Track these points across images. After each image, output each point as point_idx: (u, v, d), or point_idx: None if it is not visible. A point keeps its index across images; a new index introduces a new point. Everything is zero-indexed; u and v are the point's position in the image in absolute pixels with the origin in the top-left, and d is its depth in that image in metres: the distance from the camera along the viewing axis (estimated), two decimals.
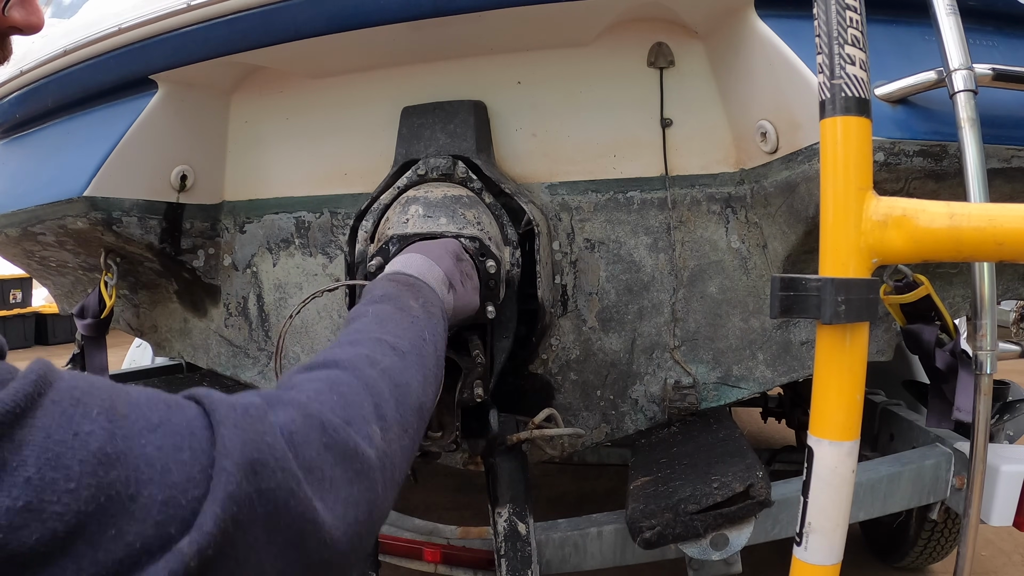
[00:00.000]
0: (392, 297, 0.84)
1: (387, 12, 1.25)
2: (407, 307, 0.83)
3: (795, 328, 1.43)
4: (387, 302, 0.82)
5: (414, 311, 0.82)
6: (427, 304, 0.87)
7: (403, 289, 0.87)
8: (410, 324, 0.79)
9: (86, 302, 1.73)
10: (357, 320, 0.79)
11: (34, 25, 0.60)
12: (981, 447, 1.01)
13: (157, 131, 1.53)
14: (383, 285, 0.88)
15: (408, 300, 0.84)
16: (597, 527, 1.40)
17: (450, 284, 1.00)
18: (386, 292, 0.85)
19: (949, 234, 0.80)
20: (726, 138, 1.39)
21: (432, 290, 0.92)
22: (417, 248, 1.07)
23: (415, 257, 1.00)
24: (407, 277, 0.92)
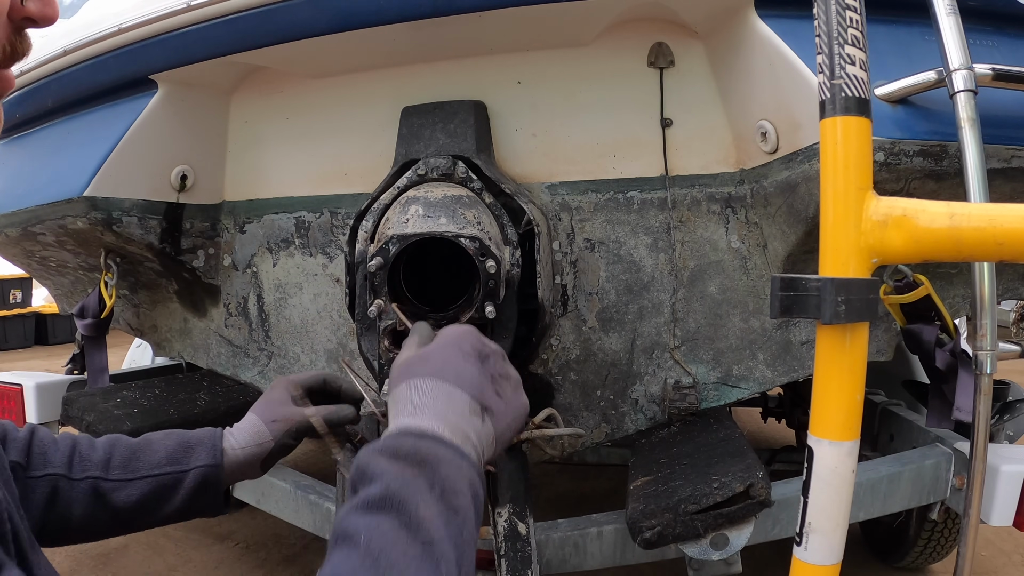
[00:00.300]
0: (395, 502, 0.57)
1: (387, 12, 1.25)
2: (418, 524, 0.56)
3: (795, 328, 1.43)
4: (388, 513, 0.56)
5: (427, 529, 0.56)
6: (448, 494, 0.60)
7: (410, 477, 0.59)
8: (419, 563, 0.54)
9: (86, 302, 1.73)
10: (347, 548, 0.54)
11: (49, 17, 0.58)
12: (981, 447, 1.01)
13: (157, 131, 1.53)
14: (382, 469, 0.60)
15: (418, 504, 0.57)
16: (597, 527, 1.40)
17: (483, 408, 0.70)
18: (387, 489, 0.58)
19: (949, 234, 0.80)
20: (726, 138, 1.39)
21: (454, 455, 0.63)
22: (424, 365, 0.71)
23: (424, 388, 0.69)
24: (416, 443, 0.62)
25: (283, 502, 1.78)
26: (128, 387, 1.92)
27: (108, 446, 0.88)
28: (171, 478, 0.86)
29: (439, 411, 0.67)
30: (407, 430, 0.65)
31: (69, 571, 2.49)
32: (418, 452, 0.61)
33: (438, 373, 0.70)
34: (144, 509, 0.86)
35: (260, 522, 2.86)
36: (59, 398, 1.87)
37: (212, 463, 0.88)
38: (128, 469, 0.86)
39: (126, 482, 0.85)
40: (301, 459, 3.64)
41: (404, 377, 0.71)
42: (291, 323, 1.72)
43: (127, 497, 0.84)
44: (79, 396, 1.80)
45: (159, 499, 0.86)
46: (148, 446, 0.89)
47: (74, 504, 0.83)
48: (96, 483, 0.84)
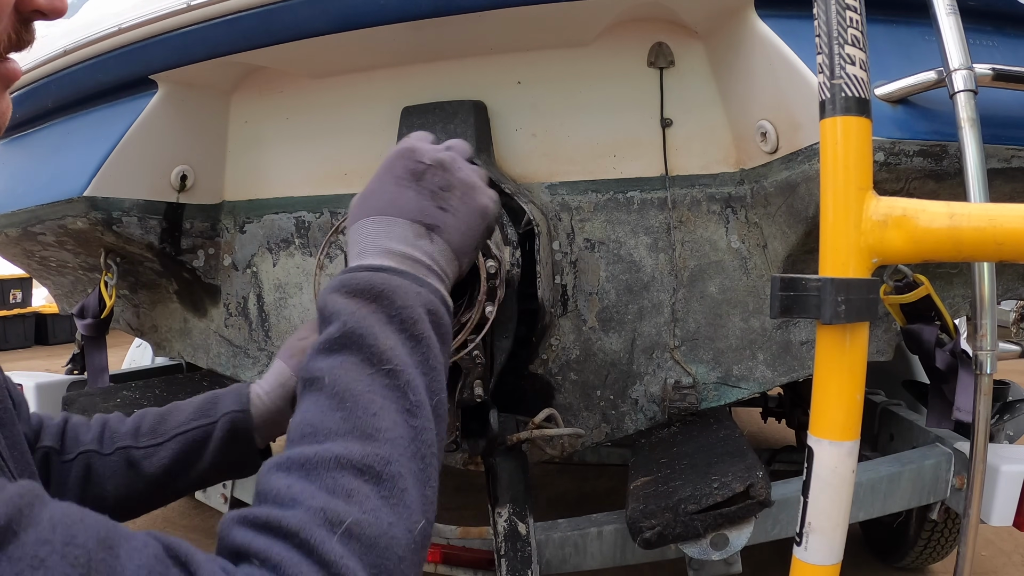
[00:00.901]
0: (354, 337, 0.57)
1: (387, 12, 1.25)
2: (380, 355, 0.56)
3: (795, 328, 1.43)
4: (348, 350, 0.56)
5: (389, 358, 0.56)
6: (407, 324, 0.59)
7: (367, 312, 0.58)
8: (385, 393, 0.54)
9: (86, 302, 1.73)
10: (312, 392, 0.55)
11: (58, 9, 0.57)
12: (981, 447, 1.01)
13: (157, 131, 1.53)
14: (339, 307, 0.59)
15: (376, 337, 0.57)
16: (597, 527, 1.40)
17: (428, 228, 0.67)
18: (344, 326, 0.57)
19: (949, 234, 0.80)
20: (726, 138, 1.39)
21: (409, 282, 0.62)
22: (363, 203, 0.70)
23: (365, 227, 0.68)
24: (369, 277, 0.61)
25: None
26: (128, 387, 1.92)
27: (138, 417, 0.88)
28: (200, 431, 0.85)
29: (381, 246, 0.66)
30: (359, 265, 0.64)
31: None
32: (372, 286, 0.60)
33: (374, 208, 0.68)
34: (178, 470, 0.85)
35: None
36: (59, 398, 1.87)
37: (239, 408, 0.86)
38: (157, 433, 0.85)
39: (156, 446, 0.84)
40: None
41: (350, 221, 0.71)
42: (291, 323, 1.72)
43: (159, 461, 0.84)
44: (79, 396, 1.80)
45: (191, 457, 0.85)
46: (176, 408, 0.88)
47: (108, 479, 0.83)
48: (127, 453, 0.84)
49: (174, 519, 2.93)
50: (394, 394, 0.55)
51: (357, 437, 0.51)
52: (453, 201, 0.70)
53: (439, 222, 0.68)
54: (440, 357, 0.61)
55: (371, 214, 0.68)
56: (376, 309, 0.59)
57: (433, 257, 0.66)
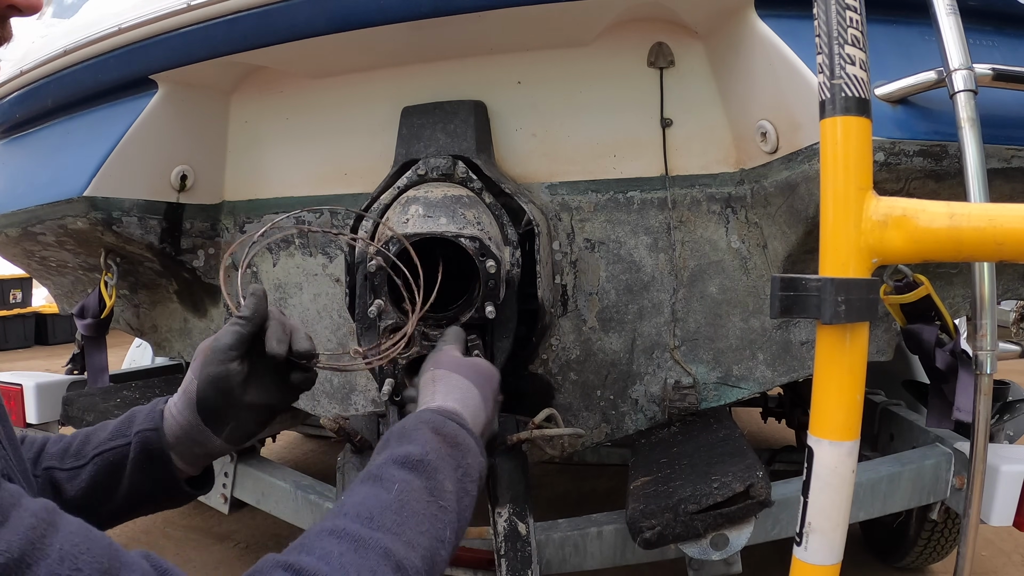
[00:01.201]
0: (429, 469, 0.70)
1: (387, 12, 1.25)
2: (441, 491, 0.69)
3: (795, 328, 1.43)
4: (421, 476, 0.69)
5: (446, 498, 0.70)
6: (466, 478, 0.74)
7: (446, 453, 0.74)
8: (433, 521, 0.67)
9: (86, 302, 1.73)
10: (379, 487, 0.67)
11: (33, 6, 0.57)
12: (981, 447, 1.01)
13: (157, 131, 1.53)
14: (425, 436, 0.74)
15: (445, 478, 0.71)
16: (597, 527, 1.40)
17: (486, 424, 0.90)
18: (425, 454, 0.71)
19: (949, 234, 0.80)
20: (726, 138, 1.39)
21: (478, 450, 0.79)
22: (473, 374, 0.92)
23: (471, 391, 0.89)
24: (457, 430, 0.78)
25: (283, 502, 1.78)
26: (128, 387, 1.92)
27: (72, 437, 0.83)
28: (115, 453, 0.80)
29: (476, 415, 0.86)
30: (452, 414, 0.82)
31: None
32: (456, 437, 0.77)
33: (483, 391, 0.91)
34: (98, 495, 0.79)
35: (260, 522, 2.86)
36: (59, 398, 1.87)
37: (150, 427, 0.80)
38: (80, 455, 0.80)
39: (78, 469, 0.79)
40: (301, 459, 3.64)
41: (456, 371, 0.91)
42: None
43: (79, 484, 0.79)
44: (79, 396, 1.80)
45: (109, 480, 0.79)
46: (101, 427, 0.84)
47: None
48: (51, 474, 0.79)
49: (174, 519, 2.93)
50: (438, 524, 0.67)
51: (404, 542, 0.62)
52: (495, 416, 0.98)
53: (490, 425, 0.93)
54: (469, 512, 0.74)
55: (479, 388, 0.91)
56: (452, 454, 0.75)
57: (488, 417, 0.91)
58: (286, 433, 3.75)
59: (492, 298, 1.20)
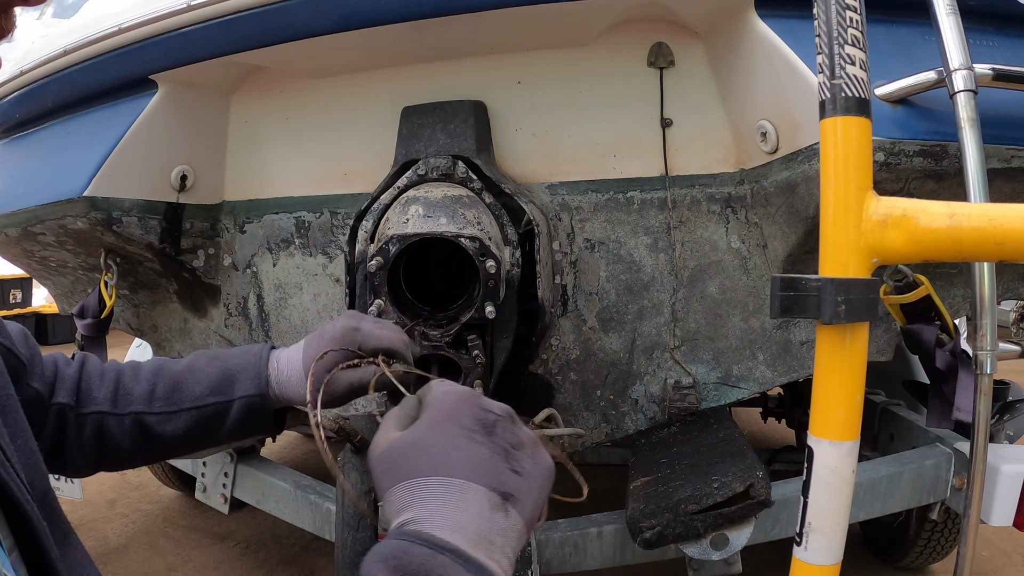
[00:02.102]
0: None
1: (387, 12, 1.25)
2: None
3: (795, 328, 1.43)
4: None
5: None
6: None
7: None
8: None
9: (86, 302, 1.73)
10: None
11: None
12: (981, 447, 1.01)
13: (157, 131, 1.53)
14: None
15: None
16: (597, 527, 1.40)
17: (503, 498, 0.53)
18: None
19: (949, 234, 0.79)
20: (726, 138, 1.39)
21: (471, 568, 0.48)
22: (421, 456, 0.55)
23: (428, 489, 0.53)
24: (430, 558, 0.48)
25: (283, 502, 1.78)
26: None
27: (152, 376, 0.86)
28: (214, 409, 0.84)
29: (453, 518, 0.51)
30: (419, 535, 0.50)
31: None
32: (421, 559, 0.47)
33: (440, 466, 0.53)
34: (191, 440, 0.85)
35: (260, 522, 2.86)
36: None
37: (256, 392, 0.84)
38: (171, 401, 0.84)
39: (170, 415, 0.84)
40: (301, 459, 3.64)
41: (397, 476, 0.54)
42: (291, 323, 1.72)
43: (173, 430, 0.83)
44: None
45: (205, 430, 0.85)
46: (191, 375, 0.86)
47: (121, 439, 0.83)
48: (140, 418, 0.83)
49: (174, 519, 2.93)
50: None
51: None
52: (525, 462, 0.56)
53: (514, 489, 0.54)
54: None
55: (431, 473, 0.53)
56: None
57: (507, 538, 0.52)
58: (286, 433, 3.75)
59: (492, 298, 1.20)
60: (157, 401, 0.85)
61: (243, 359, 0.88)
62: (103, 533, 2.81)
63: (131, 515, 2.99)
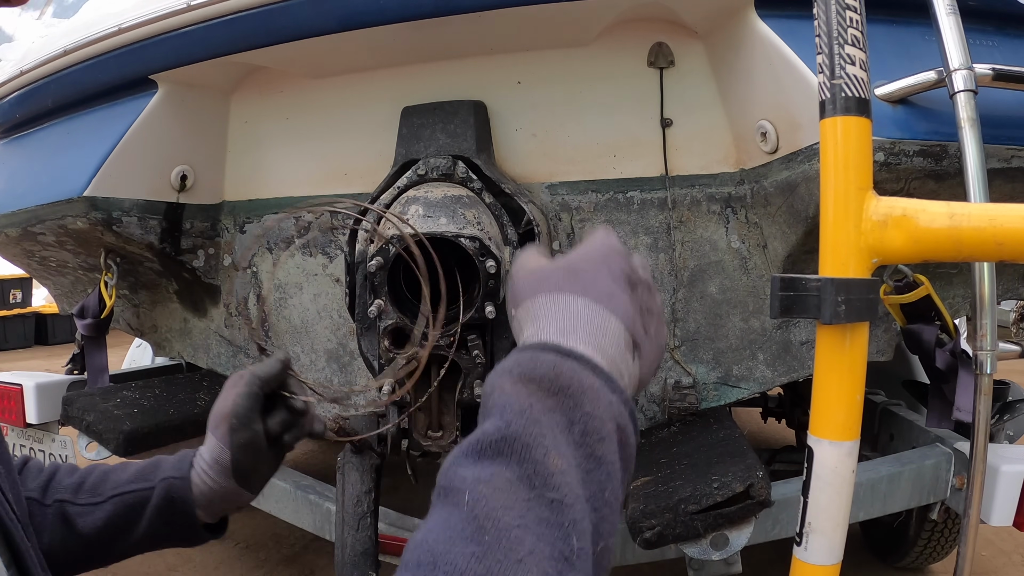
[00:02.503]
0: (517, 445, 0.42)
1: (387, 12, 1.25)
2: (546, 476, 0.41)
3: (795, 328, 1.43)
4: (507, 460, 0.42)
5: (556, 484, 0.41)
6: (590, 438, 0.45)
7: (543, 411, 0.44)
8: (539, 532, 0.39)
9: (86, 302, 1.73)
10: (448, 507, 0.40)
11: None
12: (981, 447, 1.01)
13: (157, 131, 1.53)
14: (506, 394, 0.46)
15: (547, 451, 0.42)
16: None
17: (635, 344, 0.54)
18: (508, 428, 0.43)
19: (949, 234, 0.80)
20: (726, 138, 1.39)
21: (605, 386, 0.48)
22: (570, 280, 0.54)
23: (573, 307, 0.52)
24: (557, 362, 0.47)
25: (283, 502, 1.78)
26: (128, 387, 1.92)
27: (86, 472, 0.84)
28: (135, 496, 0.81)
29: (594, 336, 0.51)
30: (548, 344, 0.49)
31: None
32: (559, 376, 0.46)
33: (588, 292, 0.53)
34: (114, 534, 0.81)
35: (260, 522, 2.86)
36: (59, 398, 1.87)
37: (177, 475, 0.82)
38: (96, 492, 0.81)
39: (93, 506, 0.80)
40: (301, 459, 3.64)
41: (543, 289, 0.54)
42: (291, 323, 1.72)
43: (94, 522, 0.80)
44: (79, 396, 1.80)
45: (127, 521, 0.81)
46: (122, 468, 0.85)
47: (44, 531, 0.79)
48: (63, 507, 0.80)
49: None
50: (553, 534, 0.39)
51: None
52: (652, 327, 0.58)
53: (642, 343, 0.55)
54: (619, 492, 0.46)
55: (585, 296, 0.53)
56: (555, 406, 0.45)
57: (631, 378, 0.53)
58: None
59: (492, 298, 1.20)
60: (84, 492, 0.81)
61: (175, 455, 0.86)
62: None
63: None
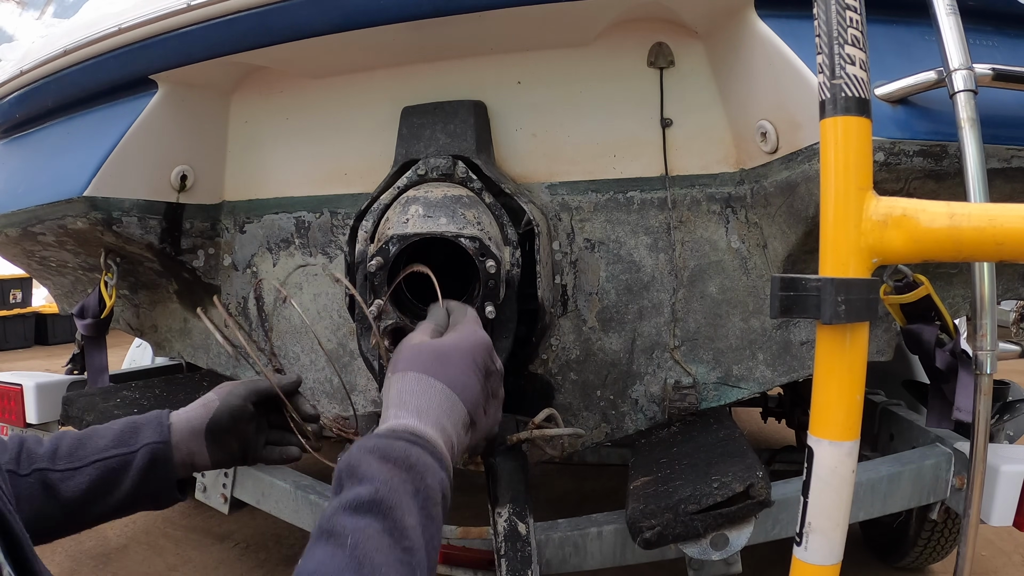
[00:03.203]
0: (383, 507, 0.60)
1: (387, 12, 1.25)
2: (402, 530, 0.59)
3: (795, 328, 1.43)
4: (375, 516, 0.59)
5: (409, 536, 0.59)
6: (428, 503, 0.64)
7: (399, 482, 0.62)
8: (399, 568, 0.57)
9: (86, 302, 1.73)
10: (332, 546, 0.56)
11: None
12: (981, 447, 1.01)
13: (157, 131, 1.53)
14: (373, 467, 0.63)
15: (405, 512, 0.60)
16: (597, 527, 1.40)
17: (472, 423, 0.76)
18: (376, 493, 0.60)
19: (949, 234, 0.80)
20: (726, 138, 1.39)
21: (439, 465, 0.67)
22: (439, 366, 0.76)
23: (433, 390, 0.74)
24: (407, 449, 0.65)
25: (283, 502, 1.78)
26: (128, 387, 1.92)
27: (55, 439, 0.86)
28: (119, 460, 0.85)
29: (440, 419, 0.72)
30: (403, 430, 0.69)
31: (69, 571, 2.49)
32: (408, 457, 0.65)
33: (450, 380, 0.75)
34: (94, 497, 0.83)
35: (260, 522, 2.86)
36: (59, 398, 1.87)
37: (159, 440, 0.87)
38: (75, 457, 0.84)
39: (74, 471, 0.83)
40: (301, 459, 3.64)
41: (416, 367, 0.75)
42: (291, 323, 1.72)
43: (76, 487, 0.82)
44: (79, 396, 1.80)
45: (108, 484, 0.84)
46: (95, 433, 0.87)
47: (23, 501, 0.80)
48: (44, 475, 0.82)
49: (175, 519, 2.93)
50: (406, 571, 0.58)
51: None
52: (491, 409, 0.81)
53: (479, 422, 0.78)
54: (438, 539, 0.65)
55: (445, 383, 0.74)
56: (406, 480, 0.63)
57: (460, 449, 0.74)
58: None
59: (492, 298, 1.20)
60: (61, 459, 0.83)
61: (146, 416, 0.91)
62: (103, 533, 2.81)
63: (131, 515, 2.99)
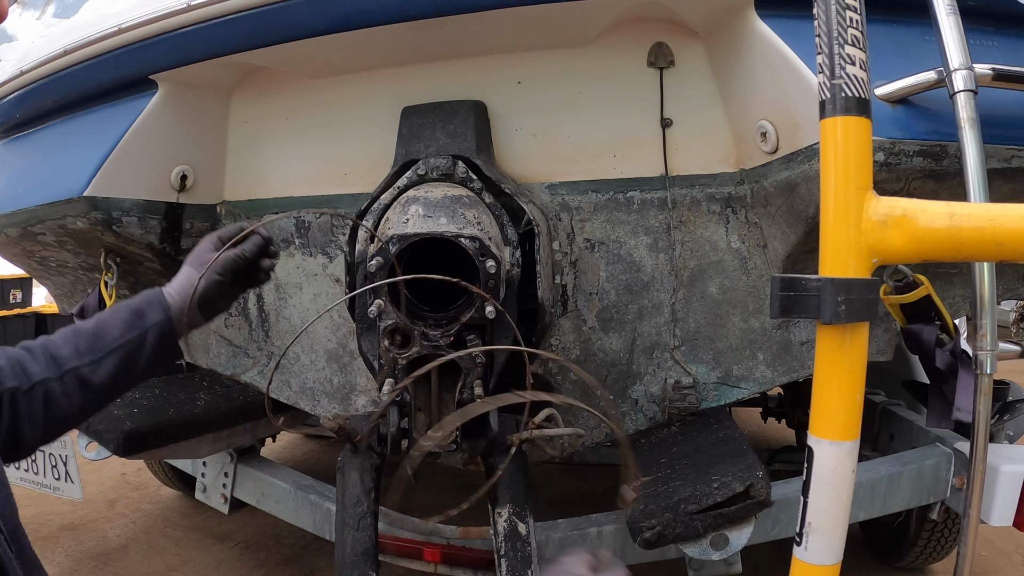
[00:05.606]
0: None
1: (388, 12, 1.25)
2: None
3: (795, 328, 1.43)
4: None
5: None
6: None
7: None
8: None
9: (86, 302, 1.73)
10: None
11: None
12: (981, 447, 1.01)
13: (157, 131, 1.53)
14: None
15: None
16: (597, 527, 1.40)
17: None
18: None
19: (949, 234, 0.80)
20: (726, 138, 1.39)
21: None
22: None
23: None
24: None
25: (283, 502, 1.78)
26: None
27: (69, 338, 0.98)
28: (135, 342, 0.99)
29: None
30: None
31: (69, 571, 2.49)
32: None
33: None
34: (120, 377, 0.98)
35: (260, 522, 2.86)
36: None
37: (164, 317, 1.02)
38: (96, 350, 0.97)
39: (99, 361, 0.96)
40: (301, 459, 3.64)
41: None
42: (291, 323, 1.72)
43: (104, 374, 0.96)
44: None
45: (130, 365, 0.98)
46: (104, 324, 1.00)
47: (65, 399, 0.93)
48: (77, 372, 0.94)
49: (175, 519, 2.93)
50: None
51: None
52: None
53: None
54: None
55: None
56: None
57: None
58: (286, 433, 3.76)
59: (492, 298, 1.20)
60: (84, 354, 0.96)
61: (142, 296, 1.05)
62: (103, 533, 2.81)
63: (131, 515, 2.99)
